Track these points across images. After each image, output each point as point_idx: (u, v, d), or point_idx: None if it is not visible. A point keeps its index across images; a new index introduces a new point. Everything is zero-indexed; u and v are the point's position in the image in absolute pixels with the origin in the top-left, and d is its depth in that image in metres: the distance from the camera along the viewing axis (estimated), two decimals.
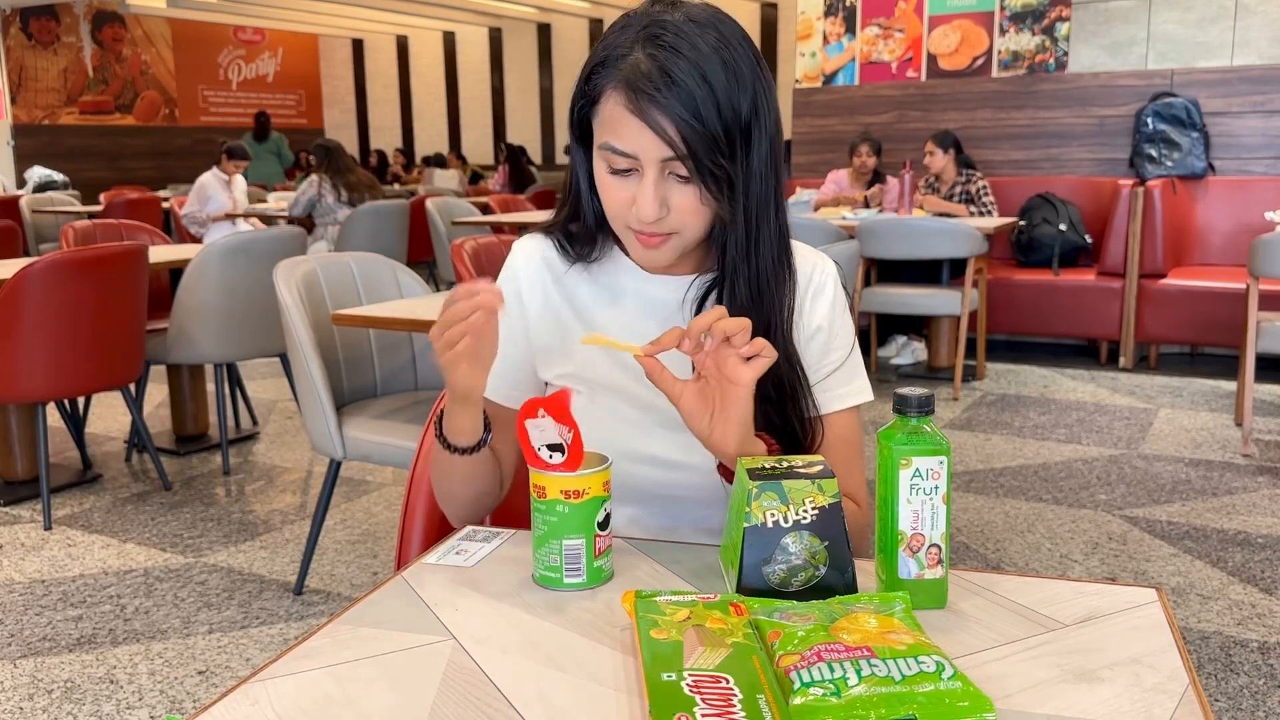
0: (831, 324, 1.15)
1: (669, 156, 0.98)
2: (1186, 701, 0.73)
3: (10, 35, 11.89)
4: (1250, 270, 3.62)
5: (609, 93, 1.00)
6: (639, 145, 0.99)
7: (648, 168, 0.99)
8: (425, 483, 1.34)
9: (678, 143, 0.97)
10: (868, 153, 5.60)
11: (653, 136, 0.97)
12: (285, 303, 2.42)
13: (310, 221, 6.18)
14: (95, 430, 4.16)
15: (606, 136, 1.01)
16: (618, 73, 0.99)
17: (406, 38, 14.97)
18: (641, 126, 0.97)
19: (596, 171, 1.05)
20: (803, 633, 0.76)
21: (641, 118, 0.97)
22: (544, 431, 0.93)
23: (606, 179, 1.04)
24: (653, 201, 1.00)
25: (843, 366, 1.15)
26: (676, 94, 0.96)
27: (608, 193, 1.04)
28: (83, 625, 2.46)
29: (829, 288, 1.15)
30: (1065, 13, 5.60)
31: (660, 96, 0.96)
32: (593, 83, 1.02)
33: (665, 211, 1.01)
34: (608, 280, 1.16)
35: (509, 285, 1.18)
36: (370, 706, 0.74)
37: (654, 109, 0.96)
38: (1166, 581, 2.62)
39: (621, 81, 0.98)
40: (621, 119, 0.99)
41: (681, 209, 1.02)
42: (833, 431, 1.14)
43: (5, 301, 2.93)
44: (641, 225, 1.02)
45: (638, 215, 1.01)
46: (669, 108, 0.96)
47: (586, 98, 1.04)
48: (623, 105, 0.98)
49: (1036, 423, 4.11)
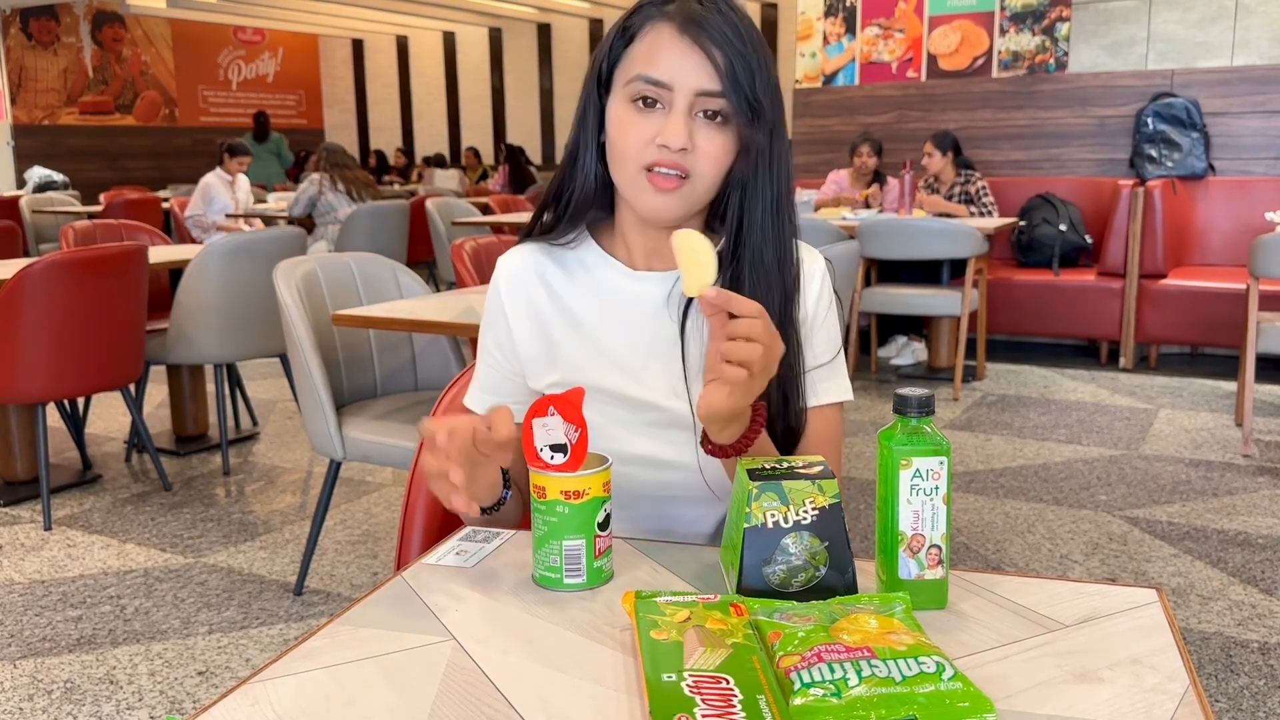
0: (815, 315, 1.13)
1: (705, 90, 1.00)
2: (1187, 702, 0.73)
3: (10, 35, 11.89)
4: (1250, 270, 3.62)
5: (653, 25, 1.02)
6: (679, 72, 1.00)
7: (679, 98, 1.00)
8: (425, 483, 1.34)
9: (722, 73, 0.99)
10: (869, 153, 5.60)
11: (698, 63, 0.99)
12: (285, 303, 2.42)
13: (310, 222, 6.18)
14: (95, 430, 4.16)
15: (641, 68, 1.01)
16: (664, 10, 1.02)
17: (406, 38, 14.96)
18: (688, 51, 1.00)
19: (614, 113, 1.04)
20: (803, 633, 0.76)
21: (694, 40, 0.99)
22: (550, 431, 0.93)
23: (628, 116, 1.03)
24: (683, 128, 1.00)
25: (829, 364, 1.14)
26: (729, 25, 1.00)
27: (627, 129, 1.03)
28: (83, 625, 2.46)
29: (816, 280, 1.14)
30: (1065, 13, 5.60)
31: (715, 21, 1.00)
32: (633, 21, 1.04)
33: (691, 146, 1.01)
34: (590, 280, 1.15)
35: (494, 302, 1.18)
36: (370, 706, 0.74)
37: (705, 36, 0.99)
38: (1167, 582, 2.62)
39: (671, 14, 1.01)
40: (666, 46, 1.00)
41: (705, 151, 1.02)
42: (812, 427, 1.14)
43: (5, 301, 2.93)
44: (662, 156, 1.01)
45: (665, 139, 1.00)
46: (721, 34, 0.99)
47: (624, 37, 1.04)
48: (673, 30, 1.00)
49: (1036, 423, 4.11)
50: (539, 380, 1.15)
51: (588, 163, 1.10)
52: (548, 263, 1.16)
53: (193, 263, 3.42)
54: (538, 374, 1.16)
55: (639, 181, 1.04)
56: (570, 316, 1.15)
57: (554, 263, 1.16)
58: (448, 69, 14.72)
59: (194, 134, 13.64)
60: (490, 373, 1.18)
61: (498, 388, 1.18)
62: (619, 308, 1.14)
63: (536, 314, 1.16)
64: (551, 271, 1.16)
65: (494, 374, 1.18)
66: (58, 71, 12.41)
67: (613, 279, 1.14)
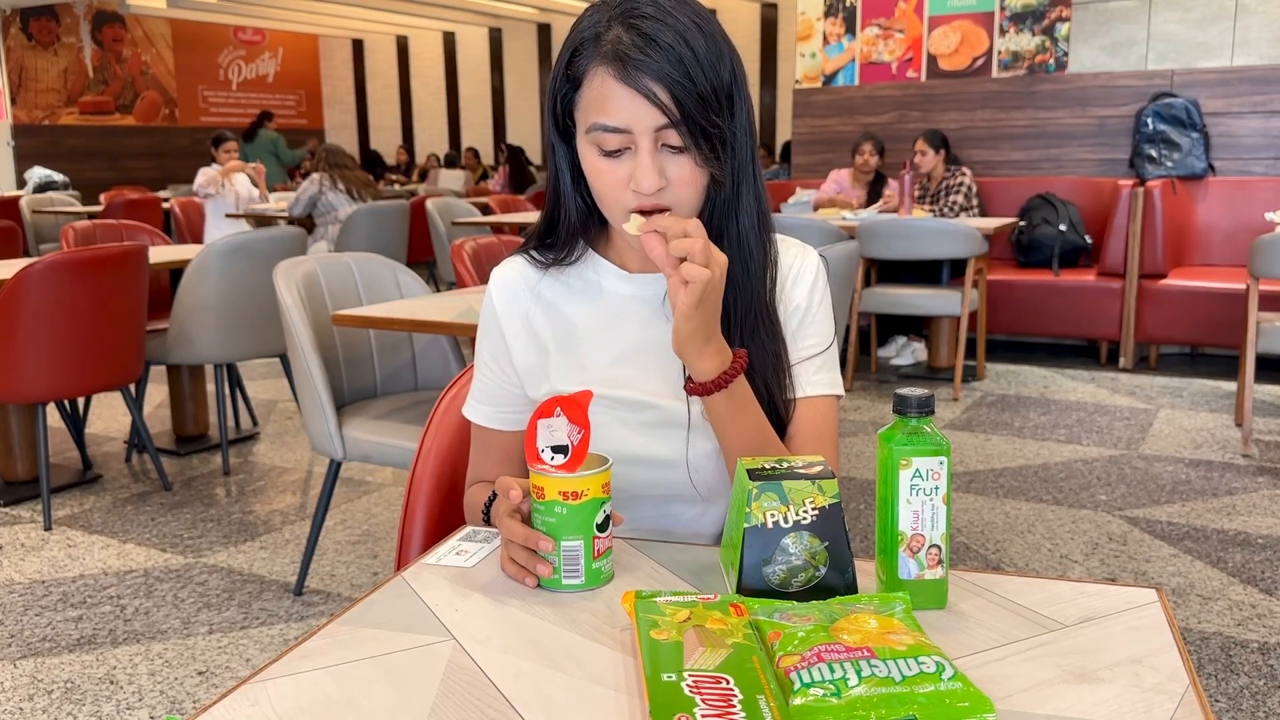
0: (810, 306, 1.15)
1: (662, 124, 0.98)
2: (1187, 702, 0.73)
3: (10, 35, 11.89)
4: (1250, 270, 3.62)
5: (594, 71, 1.00)
6: (632, 116, 0.98)
7: (641, 139, 0.99)
8: (425, 483, 1.34)
9: (670, 107, 0.97)
10: (870, 151, 5.60)
11: (645, 104, 0.97)
12: (285, 303, 2.42)
13: (310, 222, 6.18)
14: (95, 430, 4.16)
15: (595, 116, 1.00)
16: (599, 51, 0.99)
17: (406, 38, 14.97)
18: (633, 95, 0.98)
19: (586, 159, 1.04)
20: (803, 633, 0.76)
21: (633, 85, 0.97)
22: (554, 432, 0.93)
23: (598, 164, 1.03)
24: (652, 171, 0.99)
25: (820, 355, 1.15)
26: (665, 56, 0.97)
27: (601, 178, 1.03)
28: (83, 626, 2.46)
29: (810, 272, 1.15)
30: (1065, 13, 5.60)
31: (649, 61, 0.97)
32: (575, 66, 1.02)
33: (665, 182, 1.01)
34: (584, 285, 1.16)
35: (488, 315, 1.18)
36: (370, 706, 0.74)
37: (643, 75, 0.97)
38: (1167, 582, 2.62)
39: (606, 56, 0.98)
40: (610, 93, 0.99)
41: (678, 180, 1.02)
42: (805, 420, 1.14)
43: (5, 301, 2.93)
44: (641, 201, 1.01)
45: (639, 187, 1.00)
46: (659, 71, 0.97)
47: (570, 83, 1.03)
48: (612, 77, 0.98)
49: (1036, 423, 4.11)
50: (537, 389, 1.16)
51: (568, 200, 1.11)
52: (540, 272, 1.17)
53: (193, 263, 3.42)
54: (535, 383, 1.16)
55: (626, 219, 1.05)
56: (565, 324, 1.15)
57: (547, 272, 1.17)
58: (448, 69, 14.73)
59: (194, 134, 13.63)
60: (487, 384, 1.19)
61: (495, 398, 1.19)
62: (615, 310, 1.14)
63: (531, 325, 1.16)
64: (544, 280, 1.16)
65: (491, 385, 1.19)
66: (58, 71, 12.41)
67: (608, 282, 1.15)
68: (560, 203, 1.12)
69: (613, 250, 1.16)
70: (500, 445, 1.19)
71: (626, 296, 1.14)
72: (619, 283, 1.14)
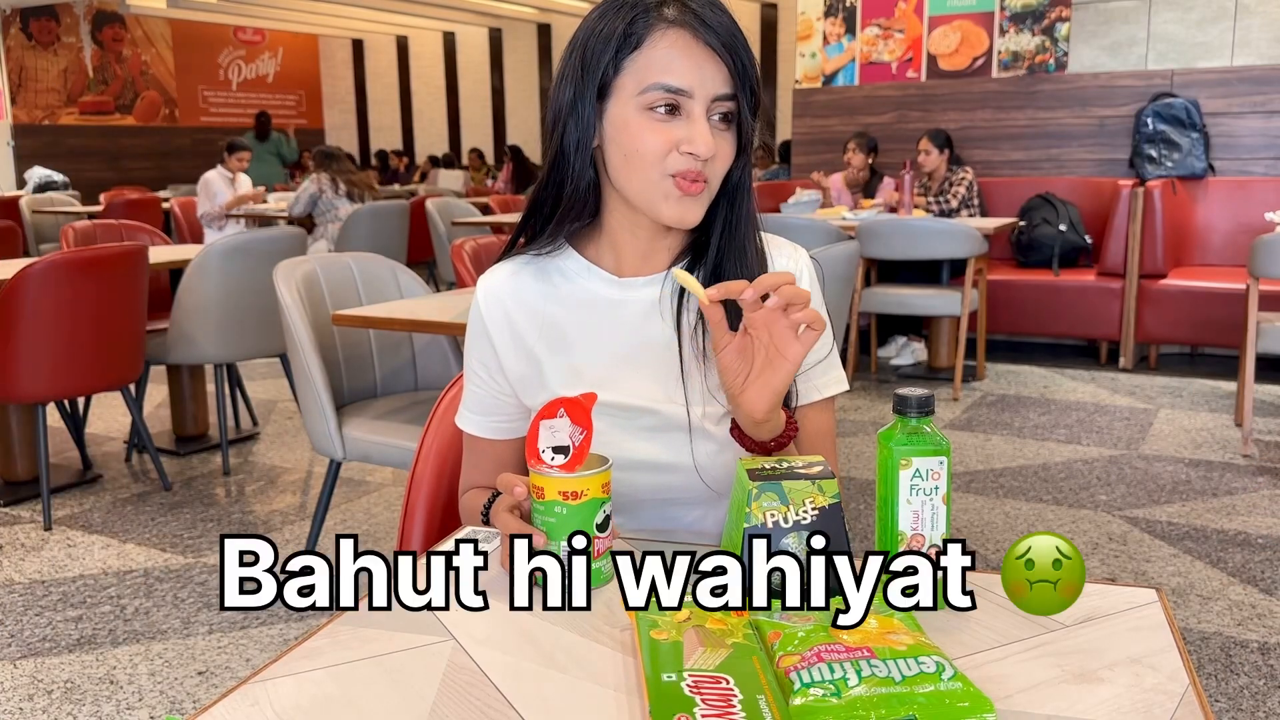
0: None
1: (722, 93, 1.01)
2: (1186, 702, 0.73)
3: (10, 35, 11.89)
4: (1250, 270, 3.62)
5: (662, 32, 1.01)
6: (699, 79, 1.00)
7: (697, 105, 1.01)
8: (425, 483, 1.34)
9: (736, 76, 1.01)
10: (854, 149, 5.60)
11: (714, 68, 1.01)
12: (285, 303, 2.42)
13: (310, 221, 6.19)
14: (95, 430, 4.16)
15: (657, 76, 1.01)
16: (664, 15, 1.02)
17: (406, 38, 14.97)
18: (705, 58, 1.00)
19: (630, 121, 1.02)
20: (803, 633, 0.76)
21: (708, 44, 1.00)
22: (556, 433, 0.93)
23: (647, 124, 1.01)
24: (709, 134, 1.01)
25: (823, 361, 1.14)
26: (730, 21, 1.02)
27: (647, 137, 1.01)
28: (83, 626, 2.46)
29: (804, 277, 1.15)
30: (1065, 13, 5.60)
31: (721, 26, 1.01)
32: (635, 28, 1.01)
33: (715, 151, 1.02)
34: (574, 291, 1.13)
35: (475, 324, 1.16)
36: (370, 706, 0.74)
37: (718, 39, 1.00)
38: (1166, 582, 2.62)
39: (680, 17, 1.01)
40: (681, 52, 1.01)
41: (721, 155, 1.03)
42: (811, 424, 1.14)
43: (5, 301, 2.93)
44: (689, 164, 1.01)
45: (694, 148, 1.00)
46: (730, 41, 1.01)
47: (630, 43, 1.02)
48: (686, 36, 1.00)
49: (1036, 423, 4.11)
50: (532, 398, 1.14)
51: (579, 167, 1.06)
52: (528, 280, 1.14)
53: (193, 263, 3.42)
54: (529, 392, 1.14)
55: (662, 187, 1.03)
56: (555, 332, 1.13)
57: (534, 279, 1.14)
58: (448, 69, 14.73)
59: (194, 134, 13.64)
60: (478, 393, 1.18)
61: (487, 408, 1.17)
62: (606, 316, 1.12)
63: (519, 335, 1.14)
64: (532, 289, 1.14)
65: (482, 394, 1.17)
66: (58, 71, 12.41)
67: (597, 288, 1.13)
68: (561, 178, 1.08)
69: (604, 253, 1.13)
70: (493, 454, 1.18)
71: (617, 301, 1.12)
72: (608, 287, 1.12)
